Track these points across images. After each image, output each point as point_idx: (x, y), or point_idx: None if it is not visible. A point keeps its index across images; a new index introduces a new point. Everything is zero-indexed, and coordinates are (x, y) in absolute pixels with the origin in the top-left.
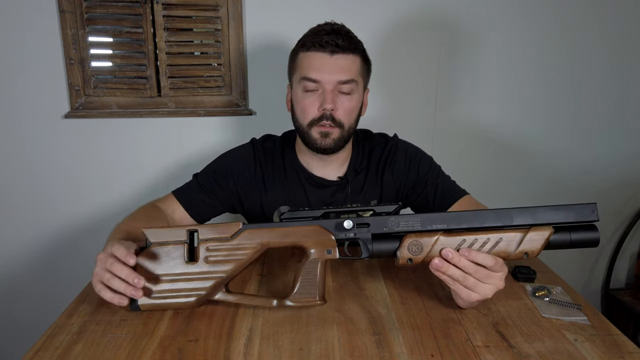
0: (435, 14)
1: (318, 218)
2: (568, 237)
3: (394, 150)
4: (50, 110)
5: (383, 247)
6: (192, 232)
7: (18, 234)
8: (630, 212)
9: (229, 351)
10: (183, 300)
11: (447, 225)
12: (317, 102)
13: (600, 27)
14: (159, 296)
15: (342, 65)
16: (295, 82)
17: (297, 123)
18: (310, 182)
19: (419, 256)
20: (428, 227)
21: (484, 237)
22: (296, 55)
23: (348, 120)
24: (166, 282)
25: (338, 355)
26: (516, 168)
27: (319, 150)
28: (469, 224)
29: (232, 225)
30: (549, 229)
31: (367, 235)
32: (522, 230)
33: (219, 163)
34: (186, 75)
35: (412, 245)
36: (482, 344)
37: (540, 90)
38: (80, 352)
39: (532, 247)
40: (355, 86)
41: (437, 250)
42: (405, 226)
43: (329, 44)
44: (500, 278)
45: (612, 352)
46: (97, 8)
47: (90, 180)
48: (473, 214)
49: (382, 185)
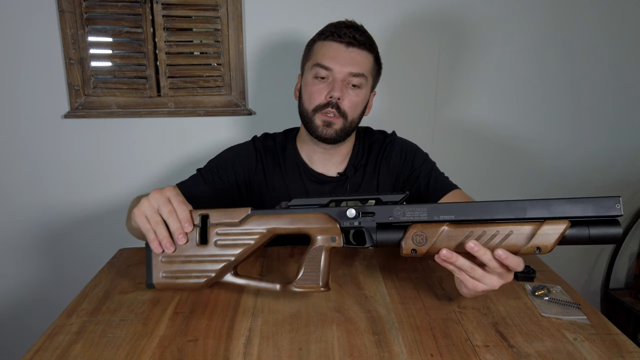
0: (435, 15)
1: (325, 205)
2: (586, 232)
3: (391, 145)
4: (49, 110)
5: (387, 237)
6: (204, 217)
7: (17, 233)
8: (630, 212)
9: (229, 351)
10: (193, 280)
11: (455, 216)
12: (326, 90)
13: (599, 28)
14: (172, 276)
15: (355, 58)
16: (307, 68)
17: (303, 108)
18: (309, 178)
19: (423, 247)
20: (434, 217)
21: (492, 230)
22: (313, 44)
23: (352, 114)
24: (178, 263)
25: (337, 355)
26: (515, 167)
27: (320, 138)
28: (477, 215)
29: (241, 210)
30: (565, 223)
31: (372, 225)
32: (535, 223)
33: (221, 158)
34: (186, 75)
35: (417, 236)
36: (482, 344)
37: (539, 89)
38: (80, 352)
39: (545, 241)
40: (365, 81)
41: (442, 241)
42: (411, 216)
43: (346, 35)
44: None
45: (612, 352)
46: (96, 8)
47: (90, 180)
48: (483, 205)
49: (378, 180)
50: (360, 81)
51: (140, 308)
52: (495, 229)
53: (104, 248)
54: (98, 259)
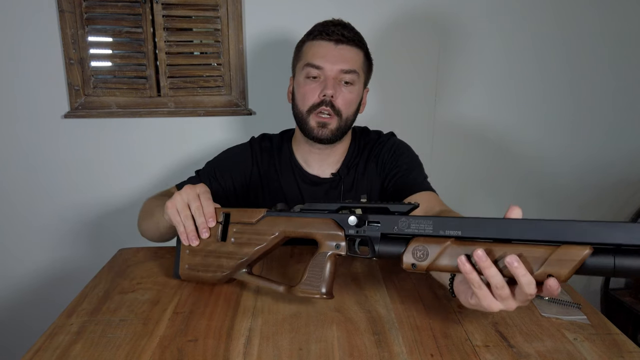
0: (434, 15)
1: (335, 212)
2: (611, 261)
3: (383, 144)
4: (49, 110)
5: (389, 249)
6: (227, 215)
7: (17, 233)
8: (630, 212)
9: (229, 351)
10: (211, 274)
11: (462, 232)
12: (318, 89)
13: (599, 28)
14: (194, 268)
15: (345, 55)
16: (298, 69)
17: (297, 110)
18: (303, 179)
19: (423, 263)
20: (440, 232)
21: (500, 251)
22: (302, 45)
23: (347, 111)
24: (201, 257)
25: (337, 355)
26: (515, 167)
27: (315, 139)
28: (486, 233)
29: (258, 211)
30: (586, 249)
31: (377, 234)
32: (549, 247)
33: (218, 160)
34: (186, 75)
35: (417, 250)
36: (482, 344)
37: (539, 90)
38: (80, 352)
39: (560, 269)
40: (357, 78)
41: (444, 258)
42: (416, 228)
43: (335, 33)
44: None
45: (612, 352)
46: (96, 8)
47: (89, 180)
48: (493, 222)
49: (368, 178)
50: (352, 78)
51: (140, 308)
52: (503, 249)
53: (104, 248)
54: (98, 259)
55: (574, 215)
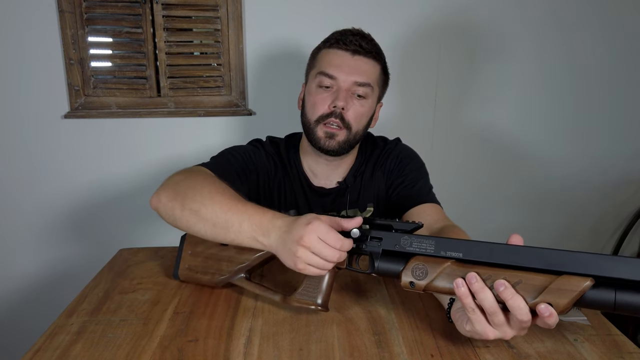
0: (435, 17)
1: None
2: (611, 296)
3: (390, 151)
4: (49, 110)
5: (388, 266)
6: None
7: (18, 233)
8: (630, 212)
9: (229, 351)
10: (209, 277)
11: (463, 254)
12: (329, 99)
13: (599, 29)
14: (193, 270)
15: (361, 67)
16: (311, 77)
17: (305, 118)
18: (310, 191)
19: (422, 282)
20: (441, 252)
21: (499, 276)
22: (318, 52)
23: (357, 125)
24: (201, 259)
25: (338, 356)
26: (516, 168)
27: (322, 150)
28: (487, 258)
29: None
30: (587, 280)
31: (378, 250)
32: (549, 275)
33: (245, 158)
34: (186, 76)
35: (417, 269)
36: (482, 344)
37: (539, 90)
38: (80, 352)
39: (559, 299)
40: (371, 92)
41: (443, 279)
42: (418, 247)
43: (352, 43)
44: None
45: (612, 352)
46: (96, 8)
47: (89, 180)
48: (496, 247)
49: (375, 186)
50: (365, 91)
51: (141, 308)
52: (502, 274)
53: (103, 248)
54: (98, 259)
55: (575, 214)
